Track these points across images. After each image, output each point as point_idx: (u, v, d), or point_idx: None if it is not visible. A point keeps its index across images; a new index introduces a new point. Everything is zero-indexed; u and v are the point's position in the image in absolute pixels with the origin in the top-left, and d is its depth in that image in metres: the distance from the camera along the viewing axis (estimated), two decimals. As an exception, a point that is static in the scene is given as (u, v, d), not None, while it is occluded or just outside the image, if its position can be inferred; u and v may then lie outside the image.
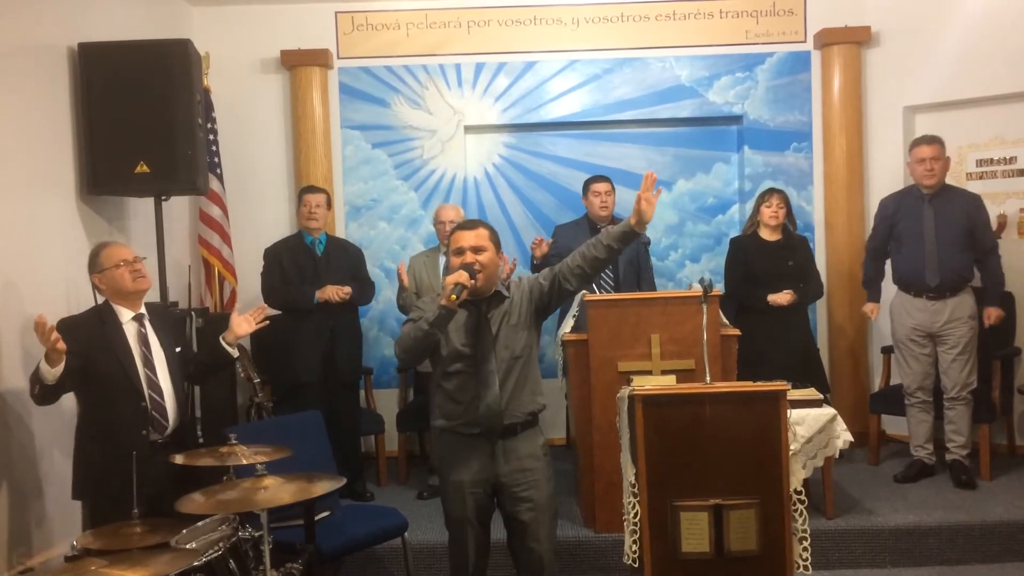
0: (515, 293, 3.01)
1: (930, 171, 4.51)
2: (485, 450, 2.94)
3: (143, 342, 3.24)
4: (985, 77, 5.10)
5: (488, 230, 3.01)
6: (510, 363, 2.94)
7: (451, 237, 3.03)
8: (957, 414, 4.56)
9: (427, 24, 5.57)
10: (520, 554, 3.04)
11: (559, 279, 2.95)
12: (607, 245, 2.87)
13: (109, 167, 3.93)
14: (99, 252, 3.26)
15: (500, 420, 2.91)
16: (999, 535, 4.04)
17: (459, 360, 2.93)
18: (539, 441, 3.04)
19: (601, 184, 4.93)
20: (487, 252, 2.93)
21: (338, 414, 4.66)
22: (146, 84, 3.94)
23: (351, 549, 3.55)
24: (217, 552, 2.45)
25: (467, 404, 2.92)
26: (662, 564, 2.88)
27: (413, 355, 2.93)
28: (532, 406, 3.01)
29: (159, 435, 3.19)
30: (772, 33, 5.57)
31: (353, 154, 5.62)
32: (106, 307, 3.23)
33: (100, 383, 3.10)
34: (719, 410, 2.88)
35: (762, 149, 5.62)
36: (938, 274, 4.49)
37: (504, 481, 2.95)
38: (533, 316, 3.02)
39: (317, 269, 4.71)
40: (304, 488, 2.63)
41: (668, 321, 3.99)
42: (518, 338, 2.96)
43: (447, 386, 2.96)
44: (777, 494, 2.87)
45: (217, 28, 5.39)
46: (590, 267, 2.92)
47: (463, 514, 2.97)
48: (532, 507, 2.97)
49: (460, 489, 2.96)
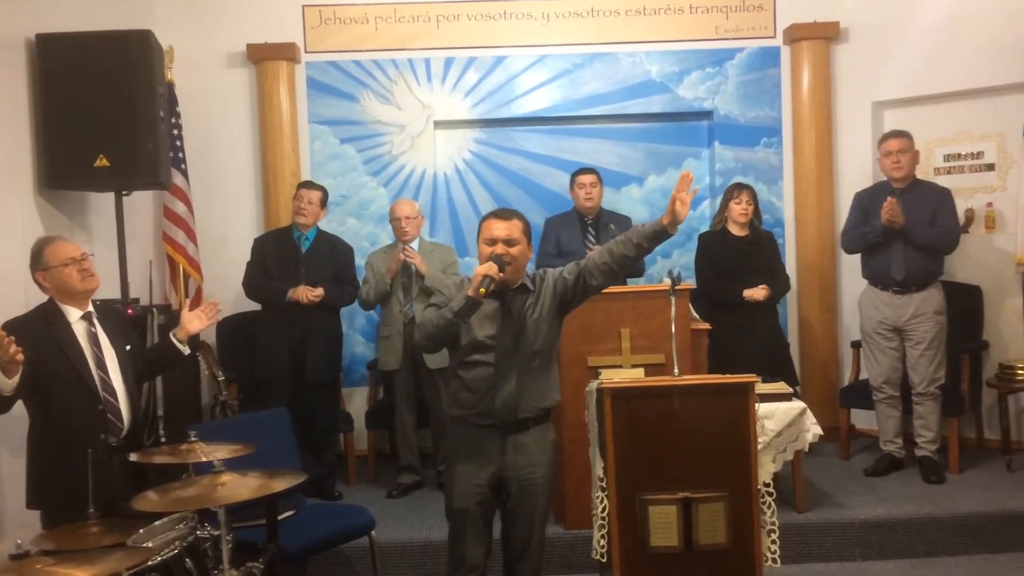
0: (539, 287, 2.95)
1: (897, 164, 4.53)
2: (495, 442, 2.90)
3: (94, 342, 3.09)
4: (952, 73, 5.13)
5: (522, 222, 2.95)
6: (530, 357, 2.89)
7: (483, 224, 2.96)
8: (925, 409, 4.58)
9: (396, 18, 5.51)
10: (511, 544, 3.01)
11: (584, 275, 2.90)
12: (636, 244, 2.82)
13: (68, 161, 3.85)
14: (43, 249, 3.08)
15: (515, 414, 2.88)
16: (968, 527, 4.06)
17: (479, 351, 2.88)
18: (549, 437, 3.00)
19: (586, 176, 4.93)
20: (519, 245, 2.88)
21: (313, 413, 4.61)
22: (106, 76, 3.86)
23: (316, 548, 3.49)
24: (173, 551, 2.39)
25: (483, 395, 2.87)
26: (631, 559, 2.86)
27: (435, 343, 2.91)
28: (546, 402, 2.96)
29: (115, 438, 3.06)
30: (742, 28, 5.57)
31: (321, 149, 5.55)
32: (52, 306, 3.07)
33: (53, 387, 2.95)
34: (687, 403, 2.86)
35: (732, 144, 5.62)
36: (904, 268, 4.50)
37: (508, 474, 2.91)
38: (556, 311, 2.96)
39: (297, 265, 4.64)
40: (263, 484, 2.57)
41: (638, 315, 3.97)
42: (540, 333, 2.91)
43: (464, 375, 2.91)
44: (746, 487, 2.86)
45: (181, 21, 5.29)
46: (617, 264, 2.86)
47: (466, 505, 2.92)
48: (532, 503, 2.94)
49: (466, 479, 2.91)
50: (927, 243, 4.45)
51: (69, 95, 3.82)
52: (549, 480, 2.97)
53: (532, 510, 2.94)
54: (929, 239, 4.44)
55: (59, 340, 3.00)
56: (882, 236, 4.50)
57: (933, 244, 4.47)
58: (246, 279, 4.72)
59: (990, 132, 5.14)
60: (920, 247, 4.45)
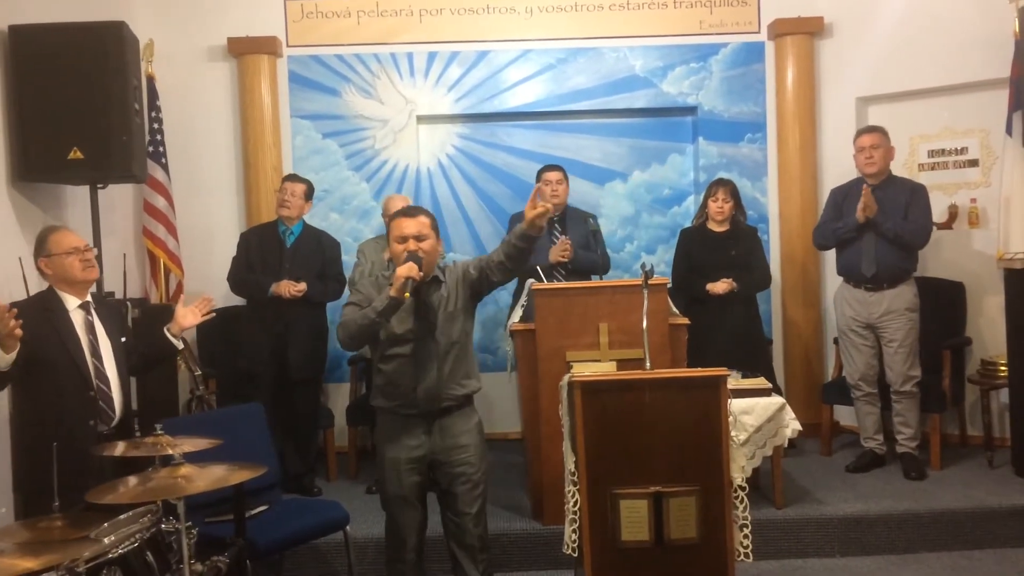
0: (449, 278, 3.09)
1: (869, 159, 4.51)
2: (422, 428, 3.04)
3: (90, 331, 3.18)
4: (936, 68, 5.11)
5: (429, 217, 3.08)
6: (447, 347, 3.01)
7: (392, 223, 3.09)
8: (904, 407, 4.56)
9: (378, 12, 5.49)
10: (451, 525, 3.13)
11: (486, 271, 3.03)
12: (514, 244, 2.95)
13: (41, 153, 3.80)
14: (47, 237, 3.20)
15: (438, 402, 3.01)
16: (947, 523, 4.04)
17: (398, 344, 3.01)
18: (473, 419, 3.15)
19: (552, 173, 4.89)
20: (429, 240, 3.01)
21: (295, 408, 4.58)
22: (79, 68, 3.81)
23: (288, 544, 3.46)
24: (132, 544, 2.35)
25: (405, 386, 3.00)
26: (602, 553, 2.83)
27: (357, 341, 3.03)
28: (467, 388, 3.10)
29: (105, 426, 3.13)
30: (726, 23, 5.55)
31: (303, 144, 5.52)
32: (51, 294, 3.17)
33: (46, 371, 3.02)
34: (658, 396, 2.83)
35: (717, 140, 5.60)
36: (874, 264, 4.48)
37: (439, 458, 3.05)
38: (468, 302, 3.10)
39: (281, 259, 4.61)
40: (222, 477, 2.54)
41: (616, 310, 3.94)
42: (455, 324, 3.05)
43: (386, 368, 3.04)
44: (718, 481, 2.83)
45: (161, 15, 5.27)
46: (510, 261, 2.99)
47: (398, 492, 3.05)
48: (465, 480, 3.07)
49: (396, 466, 3.04)
50: (896, 236, 4.43)
51: (42, 87, 3.77)
52: (479, 458, 3.10)
53: (465, 489, 3.06)
54: (898, 232, 4.42)
55: (56, 325, 3.08)
56: (854, 231, 4.49)
57: (902, 237, 4.44)
58: (231, 274, 4.69)
59: (974, 128, 5.13)
60: (890, 240, 4.43)
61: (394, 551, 3.13)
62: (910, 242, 4.49)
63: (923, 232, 4.51)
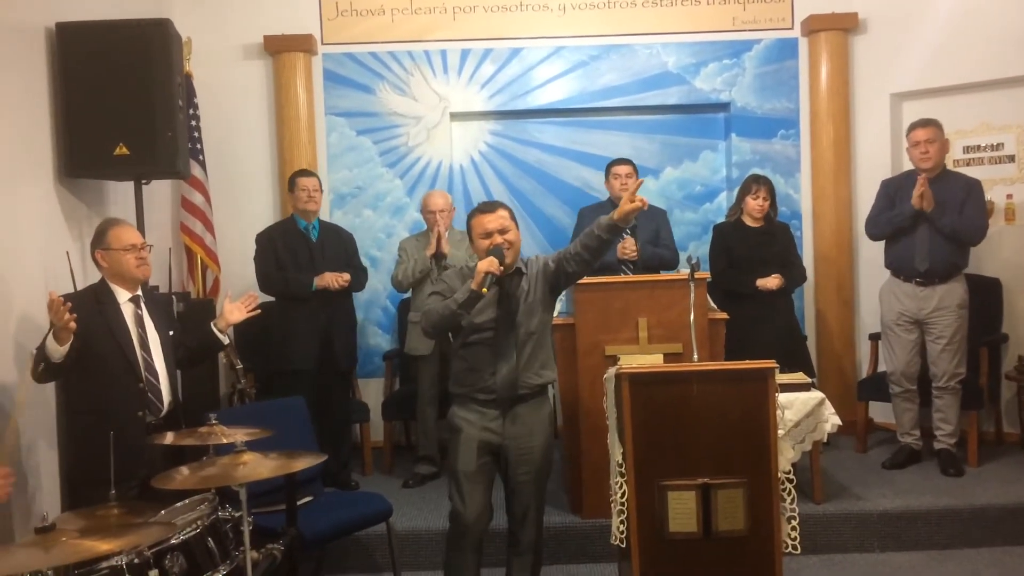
0: (531, 271, 3.17)
1: (925, 154, 4.45)
2: (496, 414, 3.12)
3: (139, 323, 3.24)
4: (971, 63, 5.09)
5: (507, 210, 3.18)
6: (525, 338, 3.10)
7: (472, 222, 3.18)
8: (945, 403, 4.54)
9: (412, 10, 5.52)
10: (513, 510, 3.22)
11: (563, 263, 3.10)
12: (597, 235, 3.00)
13: (88, 149, 3.85)
14: (107, 230, 3.26)
15: (514, 390, 3.09)
16: (986, 520, 4.03)
17: (479, 332, 3.10)
18: (546, 410, 3.22)
19: (622, 166, 4.94)
20: (512, 231, 3.12)
21: (330, 403, 4.60)
22: (125, 65, 3.86)
23: (334, 535, 3.50)
24: (195, 530, 2.39)
25: (484, 373, 3.09)
26: (650, 545, 2.85)
27: (439, 331, 3.15)
28: (543, 379, 3.18)
29: (154, 417, 3.19)
30: (759, 20, 5.54)
31: (338, 141, 5.56)
32: (103, 286, 3.24)
33: (96, 363, 3.08)
34: (706, 388, 2.84)
35: (749, 136, 5.60)
36: (928, 259, 4.45)
37: (508, 443, 3.13)
38: (547, 295, 3.18)
39: (312, 255, 4.63)
40: (284, 463, 2.58)
41: (655, 305, 3.96)
42: (534, 315, 3.13)
43: (466, 356, 3.14)
44: (765, 474, 2.83)
45: (198, 13, 5.31)
46: (589, 253, 3.04)
47: (468, 468, 3.12)
48: (528, 470, 3.15)
49: (470, 443, 3.12)
50: (953, 231, 4.38)
51: (88, 84, 3.82)
52: (545, 448, 3.19)
53: (531, 477, 3.16)
54: (955, 227, 4.38)
55: (107, 318, 3.14)
56: (910, 220, 4.44)
57: (959, 233, 4.40)
58: (261, 274, 4.64)
59: (1010, 123, 5.10)
60: (946, 235, 4.39)
61: (457, 538, 3.17)
62: (967, 239, 4.45)
63: (980, 231, 4.48)
